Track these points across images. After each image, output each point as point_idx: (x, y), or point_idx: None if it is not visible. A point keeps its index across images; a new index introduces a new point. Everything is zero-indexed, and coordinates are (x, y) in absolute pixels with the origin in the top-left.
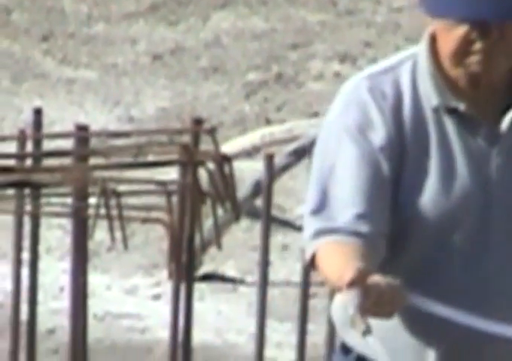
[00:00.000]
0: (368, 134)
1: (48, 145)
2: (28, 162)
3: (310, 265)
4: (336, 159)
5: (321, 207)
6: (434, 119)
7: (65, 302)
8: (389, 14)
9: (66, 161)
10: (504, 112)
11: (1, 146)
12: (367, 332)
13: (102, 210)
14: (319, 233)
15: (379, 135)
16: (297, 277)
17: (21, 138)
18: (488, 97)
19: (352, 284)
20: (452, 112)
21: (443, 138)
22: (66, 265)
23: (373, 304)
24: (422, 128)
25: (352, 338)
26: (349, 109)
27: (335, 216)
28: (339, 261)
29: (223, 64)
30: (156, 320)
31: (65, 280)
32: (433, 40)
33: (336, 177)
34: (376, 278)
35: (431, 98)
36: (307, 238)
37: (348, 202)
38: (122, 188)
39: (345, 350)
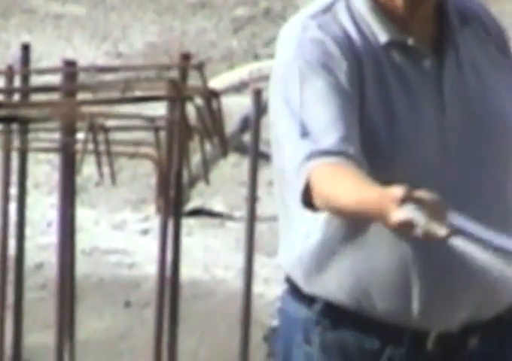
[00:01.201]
0: (331, 68)
1: (36, 80)
2: (16, 97)
3: (304, 192)
4: (303, 95)
5: (304, 136)
6: (384, 56)
7: (52, 237)
8: None
9: (54, 96)
10: (435, 43)
11: None
12: (454, 232)
13: (90, 146)
14: (310, 157)
15: (342, 67)
16: None
17: (9, 73)
18: (422, 28)
19: (404, 200)
20: (399, 46)
21: (397, 72)
22: (54, 200)
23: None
24: (375, 65)
25: (319, 285)
26: (305, 47)
27: (320, 142)
28: (351, 184)
29: None
30: (143, 255)
31: (53, 216)
32: None
33: (310, 110)
34: (421, 193)
35: (377, 34)
36: (297, 164)
37: (328, 129)
38: (110, 123)
39: (308, 301)
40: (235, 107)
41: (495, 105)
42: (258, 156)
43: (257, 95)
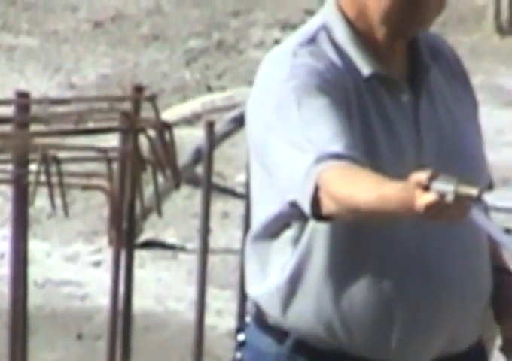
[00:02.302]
0: (327, 90)
1: None
2: None
3: (312, 197)
4: (302, 114)
5: (309, 147)
6: (366, 88)
7: (5, 269)
8: None
9: (7, 128)
10: (409, 78)
11: None
12: (483, 190)
13: (43, 177)
14: (318, 161)
15: (336, 91)
16: (237, 244)
17: None
18: (398, 63)
19: (430, 181)
20: (381, 79)
21: (378, 105)
22: (6, 231)
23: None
24: (358, 97)
25: (297, 316)
26: (298, 70)
27: (327, 148)
28: (367, 181)
29: (163, 31)
30: (96, 287)
31: (5, 247)
32: (340, 7)
33: (311, 126)
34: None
35: (360, 67)
36: (304, 171)
37: (333, 140)
38: (62, 155)
39: (280, 336)
40: (187, 139)
41: (464, 138)
42: (211, 188)
43: (210, 127)
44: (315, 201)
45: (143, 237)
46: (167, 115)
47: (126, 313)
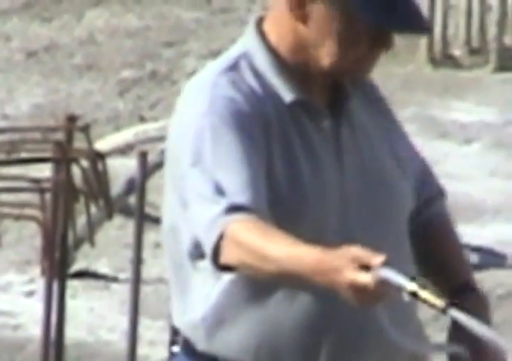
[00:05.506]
0: (243, 126)
1: None
2: None
3: (216, 245)
4: (216, 153)
5: (218, 192)
6: (289, 115)
7: None
8: (263, 12)
9: None
10: (330, 104)
11: None
12: (450, 305)
13: None
14: (227, 211)
15: (252, 126)
16: None
17: None
18: (320, 89)
19: (384, 263)
20: (303, 105)
21: (300, 131)
22: None
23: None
24: (280, 124)
25: (224, 345)
26: (217, 104)
27: (236, 198)
28: (281, 238)
29: (97, 61)
30: (28, 317)
31: None
32: (262, 34)
33: (223, 168)
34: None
35: (281, 93)
36: (211, 219)
37: (243, 188)
38: None
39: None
40: (120, 169)
41: (384, 166)
42: (143, 218)
43: (143, 157)
44: (217, 250)
45: (75, 267)
46: (100, 145)
47: (58, 344)
